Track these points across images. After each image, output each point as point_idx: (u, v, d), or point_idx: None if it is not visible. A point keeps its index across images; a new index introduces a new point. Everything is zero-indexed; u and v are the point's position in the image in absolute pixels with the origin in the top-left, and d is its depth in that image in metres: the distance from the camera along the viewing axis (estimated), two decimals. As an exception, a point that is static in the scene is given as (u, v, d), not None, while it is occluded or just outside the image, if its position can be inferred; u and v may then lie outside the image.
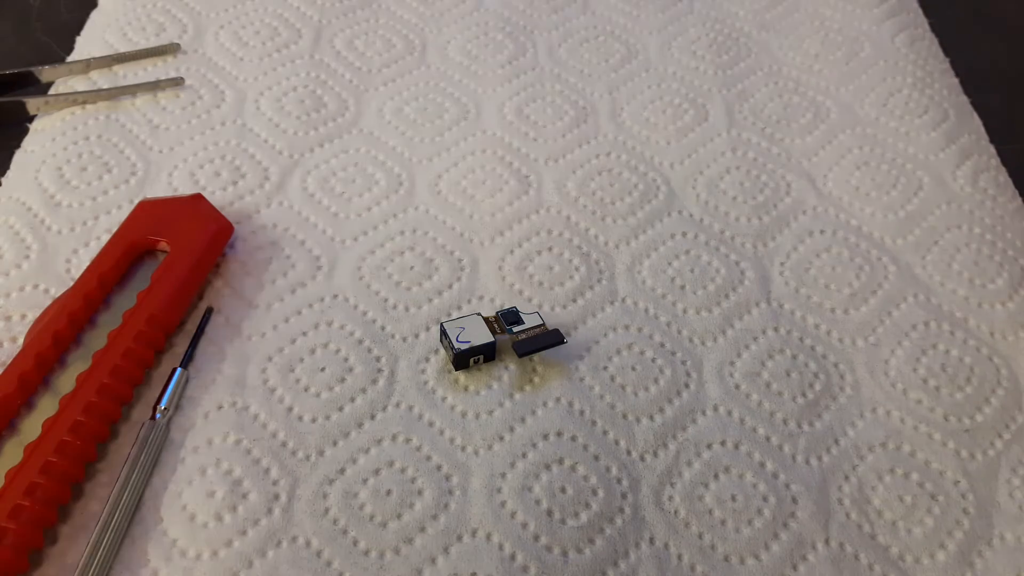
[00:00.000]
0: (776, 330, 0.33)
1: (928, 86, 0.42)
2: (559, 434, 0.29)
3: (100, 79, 0.40)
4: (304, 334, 0.31)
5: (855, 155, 0.39)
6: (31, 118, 0.38)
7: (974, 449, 0.30)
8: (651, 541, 0.27)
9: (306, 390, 0.30)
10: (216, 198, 0.36)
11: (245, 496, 0.27)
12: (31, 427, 0.28)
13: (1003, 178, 0.38)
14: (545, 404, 0.30)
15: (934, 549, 0.27)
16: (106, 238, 0.33)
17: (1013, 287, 0.34)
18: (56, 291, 0.32)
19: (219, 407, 0.29)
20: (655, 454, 0.29)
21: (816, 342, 0.32)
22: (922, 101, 0.41)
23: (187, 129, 0.38)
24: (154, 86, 0.39)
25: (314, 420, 0.29)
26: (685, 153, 0.39)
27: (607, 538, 0.27)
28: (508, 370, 0.31)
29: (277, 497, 0.27)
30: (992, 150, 0.39)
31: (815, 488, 0.28)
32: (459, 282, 0.33)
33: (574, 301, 0.33)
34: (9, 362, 0.28)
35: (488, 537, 0.27)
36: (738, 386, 0.31)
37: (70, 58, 0.41)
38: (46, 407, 0.28)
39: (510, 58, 0.43)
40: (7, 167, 0.36)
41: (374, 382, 0.30)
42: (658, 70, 0.43)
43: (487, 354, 0.30)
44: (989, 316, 0.33)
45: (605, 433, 0.29)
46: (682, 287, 0.34)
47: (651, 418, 0.30)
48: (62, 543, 0.26)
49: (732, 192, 0.37)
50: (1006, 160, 0.39)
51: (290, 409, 0.29)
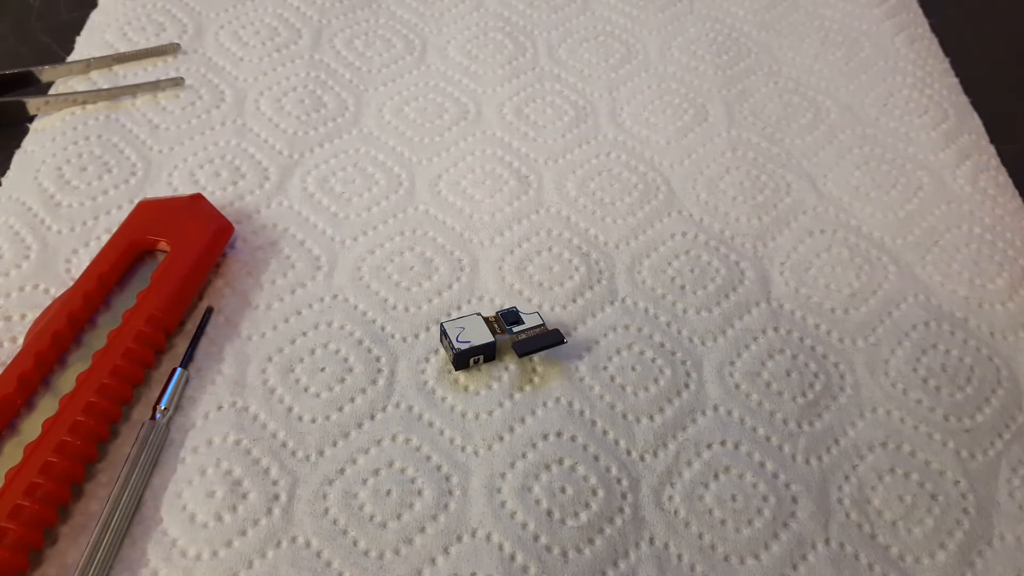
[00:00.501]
0: (776, 330, 0.33)
1: (928, 86, 0.42)
2: (559, 434, 0.29)
3: (100, 79, 0.40)
4: (304, 334, 0.31)
5: (855, 155, 0.39)
6: (31, 118, 0.38)
7: (974, 449, 0.30)
8: (651, 541, 0.27)
9: (306, 390, 0.30)
10: (216, 198, 0.36)
11: (245, 496, 0.27)
12: (31, 427, 0.28)
13: (1003, 178, 0.38)
14: (545, 404, 0.30)
15: (934, 549, 0.27)
16: (106, 238, 0.33)
17: (1013, 287, 0.34)
18: (56, 291, 0.32)
19: (219, 407, 0.29)
20: (655, 454, 0.29)
21: (816, 342, 0.32)
22: (922, 101, 0.41)
23: (187, 129, 0.38)
24: (154, 86, 0.39)
25: (314, 420, 0.29)
26: (685, 153, 0.39)
27: (607, 538, 0.27)
28: (508, 370, 0.31)
29: (277, 497, 0.27)
30: (992, 150, 0.39)
31: (815, 488, 0.28)
32: (459, 282, 0.33)
33: (574, 301, 0.33)
34: (9, 362, 0.28)
35: (488, 537, 0.27)
36: (738, 386, 0.31)
37: (70, 58, 0.41)
38: (46, 407, 0.28)
39: (510, 58, 0.43)
40: (7, 167, 0.36)
41: (374, 382, 0.30)
42: (658, 70, 0.43)
43: (487, 354, 0.30)
44: (989, 316, 0.33)
45: (605, 433, 0.29)
46: (682, 287, 0.34)
47: (651, 418, 0.30)
48: (62, 543, 0.26)
49: (732, 192, 0.37)
50: (1006, 160, 0.39)
51: (290, 409, 0.29)
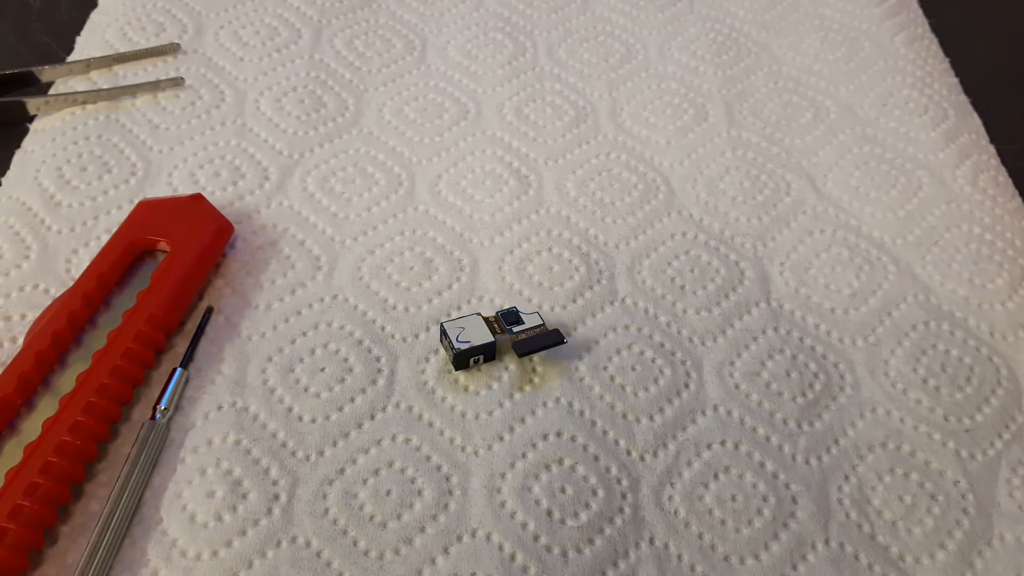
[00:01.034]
0: (776, 330, 0.33)
1: (928, 86, 0.42)
2: (559, 434, 0.29)
3: (100, 79, 0.40)
4: (304, 334, 0.31)
5: (855, 155, 0.39)
6: (31, 118, 0.38)
7: (974, 449, 0.30)
8: (651, 541, 0.27)
9: (306, 390, 0.30)
10: (216, 198, 0.36)
11: (245, 496, 0.27)
12: (31, 427, 0.28)
13: (1003, 178, 0.38)
14: (545, 404, 0.30)
15: (934, 549, 0.27)
16: (106, 238, 0.33)
17: (1013, 287, 0.34)
18: (56, 291, 0.32)
19: (219, 407, 0.29)
20: (655, 454, 0.29)
21: (816, 342, 0.32)
22: (922, 101, 0.41)
23: (187, 129, 0.38)
24: (154, 86, 0.39)
25: (314, 420, 0.29)
26: (685, 153, 0.39)
27: (607, 538, 0.27)
28: (508, 370, 0.31)
29: (277, 497, 0.27)
30: (992, 150, 0.39)
31: (815, 488, 0.28)
32: (459, 282, 0.33)
33: (574, 301, 0.33)
34: (9, 362, 0.28)
35: (488, 537, 0.27)
36: (738, 386, 0.31)
37: (70, 58, 0.41)
38: (46, 407, 0.28)
39: (510, 58, 0.43)
40: (7, 167, 0.36)
41: (374, 382, 0.30)
42: (658, 70, 0.43)
43: (487, 354, 0.30)
44: (989, 316, 0.33)
45: (605, 433, 0.29)
46: (682, 287, 0.34)
47: (651, 418, 0.30)
48: (62, 543, 0.26)
49: (732, 192, 0.37)
50: (1006, 160, 0.39)
51: (290, 409, 0.29)
